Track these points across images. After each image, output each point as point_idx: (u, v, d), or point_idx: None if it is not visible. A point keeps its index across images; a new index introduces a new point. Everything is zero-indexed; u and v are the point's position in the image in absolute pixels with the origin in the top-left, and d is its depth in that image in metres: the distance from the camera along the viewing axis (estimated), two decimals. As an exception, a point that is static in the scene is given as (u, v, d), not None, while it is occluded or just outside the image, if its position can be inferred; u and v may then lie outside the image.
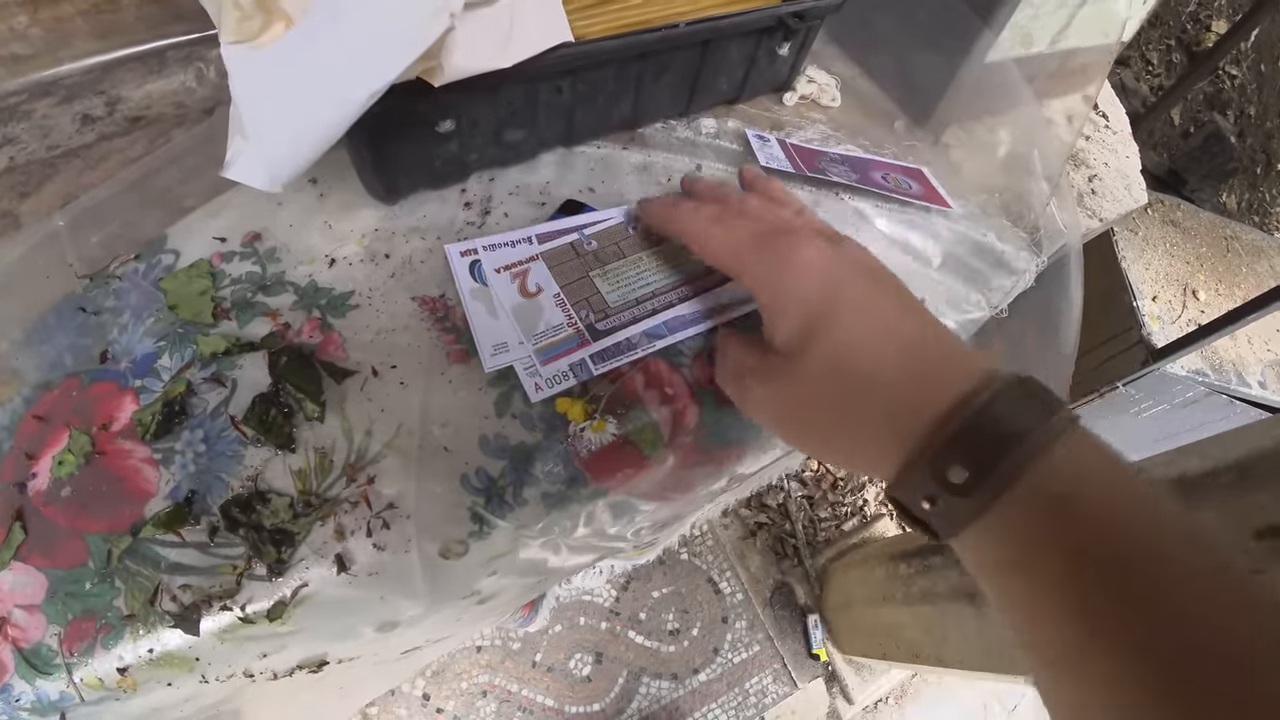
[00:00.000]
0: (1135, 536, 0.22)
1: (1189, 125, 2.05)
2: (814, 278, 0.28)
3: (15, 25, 0.46)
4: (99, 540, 0.32)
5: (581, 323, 0.35)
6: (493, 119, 0.37)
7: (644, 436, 0.35)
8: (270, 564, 0.31)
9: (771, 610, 1.16)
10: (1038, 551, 0.24)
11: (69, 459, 0.33)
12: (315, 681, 0.43)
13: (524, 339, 0.34)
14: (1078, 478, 0.24)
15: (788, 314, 0.29)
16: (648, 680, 1.07)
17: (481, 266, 0.36)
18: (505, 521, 0.32)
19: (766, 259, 0.30)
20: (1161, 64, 2.12)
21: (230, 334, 0.35)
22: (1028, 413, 0.24)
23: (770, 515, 1.22)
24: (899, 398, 0.26)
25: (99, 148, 0.46)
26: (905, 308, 0.29)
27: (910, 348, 0.27)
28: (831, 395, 0.28)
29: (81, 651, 0.31)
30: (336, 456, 0.32)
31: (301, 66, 0.23)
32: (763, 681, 1.11)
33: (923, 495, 0.25)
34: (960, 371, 0.26)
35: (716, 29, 0.39)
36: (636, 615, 1.10)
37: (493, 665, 1.02)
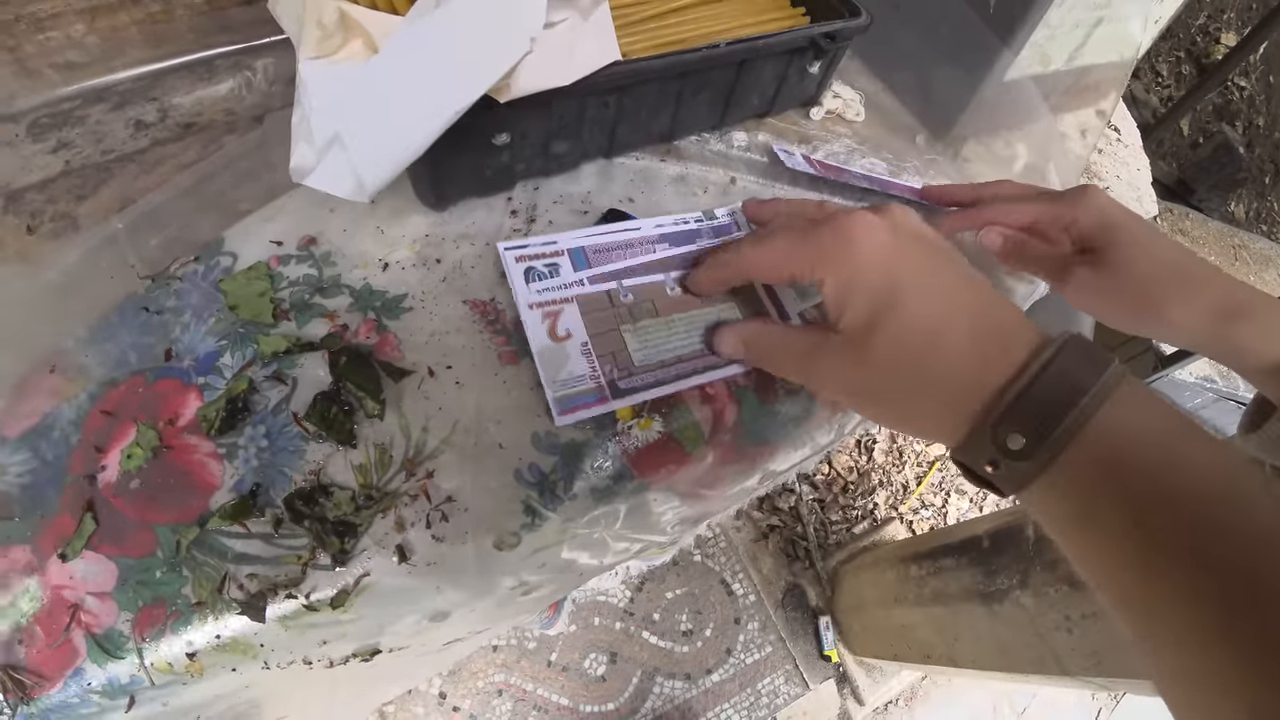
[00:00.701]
0: (1189, 486, 0.24)
1: (1198, 136, 2.07)
2: (872, 257, 0.29)
3: (72, 34, 0.48)
4: (167, 531, 0.34)
5: (604, 377, 0.35)
6: (543, 132, 0.38)
7: (686, 434, 0.36)
8: (334, 554, 0.32)
9: (783, 612, 1.17)
10: (1098, 506, 0.25)
11: (137, 452, 0.35)
12: (342, 678, 0.44)
13: (545, 383, 0.34)
14: (1131, 432, 0.25)
15: (854, 301, 0.30)
16: (661, 680, 1.08)
17: (536, 272, 0.37)
18: (555, 514, 0.34)
19: (818, 249, 0.31)
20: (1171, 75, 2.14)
21: (290, 334, 0.37)
22: (1078, 375, 0.26)
23: (782, 518, 1.24)
24: (961, 370, 0.28)
25: (153, 153, 0.47)
26: (962, 278, 0.30)
27: (970, 320, 0.29)
28: (899, 370, 0.29)
29: (152, 636, 0.32)
30: (395, 452, 0.34)
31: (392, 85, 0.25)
32: (775, 682, 1.13)
33: (985, 460, 0.27)
34: (1015, 341, 0.28)
35: (754, 49, 0.41)
36: (650, 616, 1.11)
37: (508, 664, 1.04)
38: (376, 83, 0.25)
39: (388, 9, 0.27)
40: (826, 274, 0.30)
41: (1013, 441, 0.26)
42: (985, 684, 1.25)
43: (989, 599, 0.83)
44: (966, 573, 0.88)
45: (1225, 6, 2.22)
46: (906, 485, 1.35)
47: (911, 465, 1.36)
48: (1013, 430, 0.26)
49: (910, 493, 1.34)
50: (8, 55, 0.47)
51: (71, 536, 0.33)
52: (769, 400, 0.38)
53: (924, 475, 1.37)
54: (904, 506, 1.32)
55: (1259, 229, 2.01)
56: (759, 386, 0.38)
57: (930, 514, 1.34)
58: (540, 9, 0.25)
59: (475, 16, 0.24)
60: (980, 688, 1.25)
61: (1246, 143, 2.03)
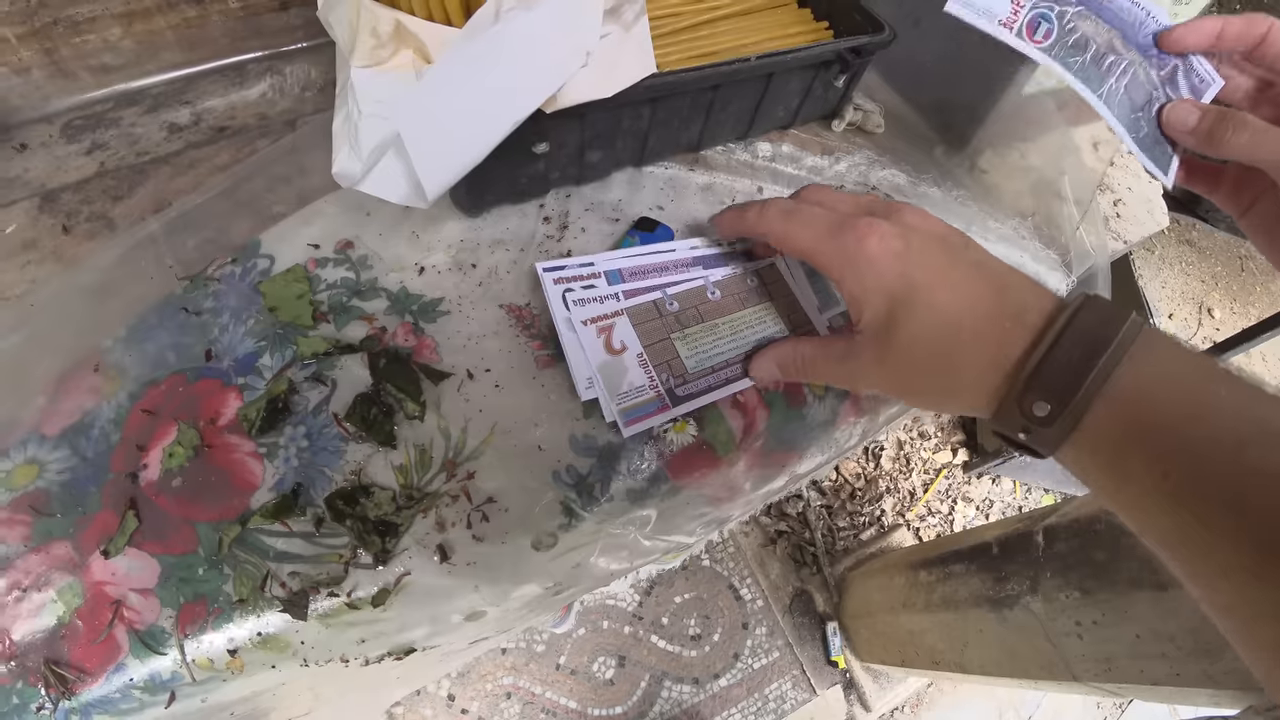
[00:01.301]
0: (1214, 434, 0.24)
1: (1202, 148, 2.08)
2: (886, 266, 0.31)
3: (109, 37, 0.49)
4: (209, 529, 0.34)
5: (662, 386, 0.36)
6: (579, 141, 0.39)
7: (719, 438, 0.37)
8: (375, 553, 0.33)
9: (791, 617, 1.17)
10: (1128, 462, 0.26)
11: (178, 451, 0.35)
12: (369, 676, 0.44)
13: (608, 399, 0.35)
14: (1152, 386, 0.26)
15: (871, 303, 0.31)
16: (669, 684, 1.08)
17: (567, 299, 0.37)
18: (591, 515, 0.34)
19: (841, 253, 0.32)
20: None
21: (329, 336, 0.38)
22: (1095, 335, 0.27)
23: (790, 524, 1.24)
24: (983, 350, 0.29)
25: (186, 155, 0.48)
26: (977, 266, 0.31)
27: (987, 303, 0.30)
28: (925, 362, 0.31)
29: (194, 633, 0.33)
30: (435, 453, 0.35)
31: (451, 95, 0.25)
32: (782, 687, 1.13)
33: (1018, 428, 0.29)
34: (1032, 311, 0.29)
35: (782, 62, 0.42)
36: (659, 620, 1.12)
37: (517, 667, 1.04)
38: (435, 93, 0.26)
39: (443, 20, 0.28)
40: (845, 279, 0.32)
41: (1038, 409, 0.27)
42: (991, 691, 1.25)
43: (998, 605, 0.84)
44: (976, 578, 0.88)
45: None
46: (913, 492, 1.36)
47: (919, 472, 1.37)
48: (1037, 399, 0.27)
49: (917, 500, 1.35)
50: (44, 58, 0.48)
51: (114, 533, 0.34)
52: (797, 404, 0.39)
53: (931, 483, 1.38)
54: (911, 513, 1.33)
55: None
56: (788, 391, 0.39)
57: (936, 521, 1.35)
58: (595, 25, 0.26)
59: (534, 31, 0.25)
60: (986, 695, 1.25)
61: (1251, 154, 2.04)
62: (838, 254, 0.32)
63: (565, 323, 0.36)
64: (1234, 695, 0.66)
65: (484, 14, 0.25)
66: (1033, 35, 0.39)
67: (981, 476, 1.43)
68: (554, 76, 0.26)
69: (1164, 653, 0.69)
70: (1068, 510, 0.83)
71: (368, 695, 0.63)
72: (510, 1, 0.25)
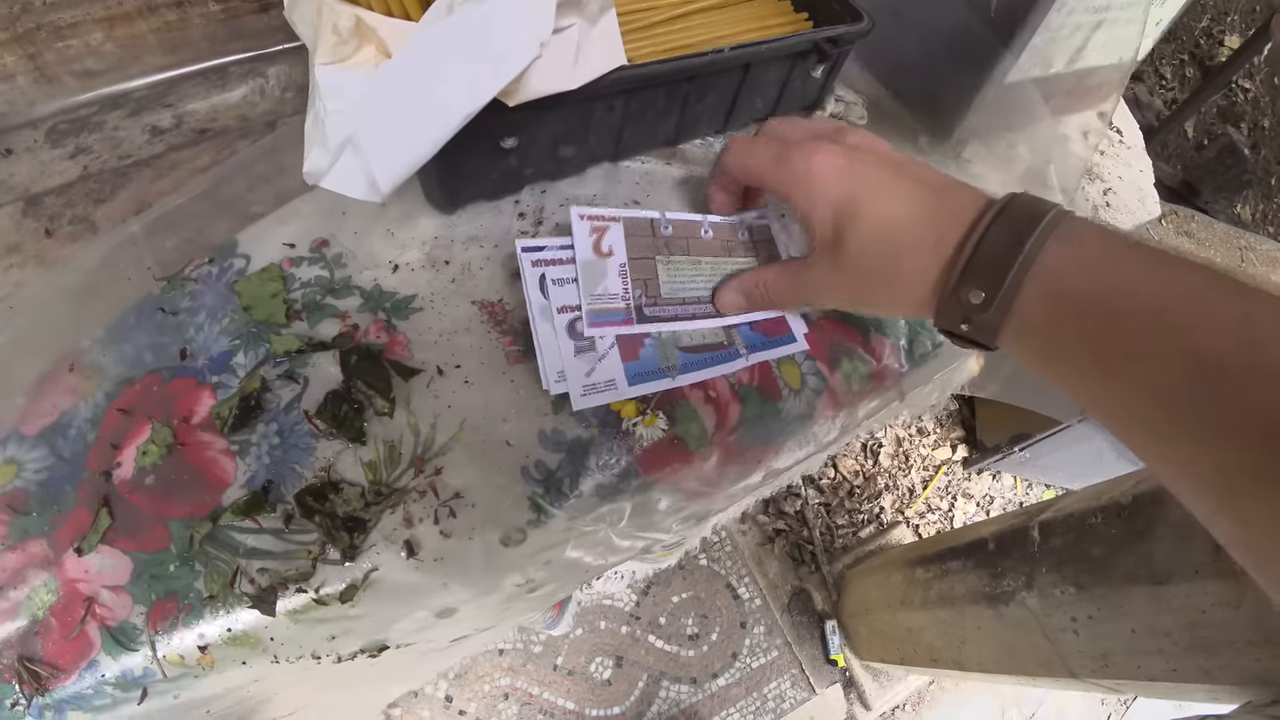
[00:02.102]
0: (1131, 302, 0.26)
1: (1203, 138, 2.07)
2: (832, 179, 0.33)
3: (91, 41, 0.49)
4: (181, 526, 0.34)
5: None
6: (550, 135, 0.39)
7: (690, 432, 0.37)
8: (343, 549, 0.33)
9: (789, 616, 1.17)
10: (1058, 338, 0.28)
11: (152, 449, 0.36)
12: (348, 676, 0.45)
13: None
14: (1073, 265, 0.28)
15: (820, 217, 0.33)
16: (667, 684, 1.08)
17: (550, 280, 0.37)
18: (561, 511, 0.34)
19: (790, 174, 0.34)
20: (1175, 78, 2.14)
21: (302, 334, 0.38)
22: (1022, 224, 0.29)
23: (788, 522, 1.24)
24: (923, 249, 0.31)
25: (168, 158, 0.48)
26: (918, 179, 0.33)
27: (927, 208, 0.32)
28: (871, 265, 0.33)
29: (165, 629, 0.33)
30: (404, 449, 0.35)
31: (405, 89, 0.26)
32: (781, 686, 1.12)
33: (959, 320, 0.30)
34: (966, 210, 0.31)
35: (757, 53, 0.42)
36: (656, 620, 1.11)
37: (514, 668, 1.04)
38: (390, 87, 0.26)
39: (401, 15, 0.28)
40: (796, 198, 0.34)
41: (974, 297, 0.29)
42: (993, 688, 1.24)
43: (995, 601, 0.83)
44: (972, 575, 0.87)
45: (1228, 9, 2.22)
46: (913, 489, 1.35)
47: (918, 469, 1.36)
48: (972, 287, 0.29)
49: (916, 497, 1.34)
50: (28, 63, 0.48)
51: (88, 531, 0.34)
52: (772, 398, 0.39)
53: (930, 479, 1.37)
54: (910, 510, 1.32)
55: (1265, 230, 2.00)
56: (762, 385, 0.39)
57: (937, 518, 1.34)
58: (549, 16, 0.26)
59: (486, 22, 0.25)
60: (988, 692, 1.24)
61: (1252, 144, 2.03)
62: (787, 175, 0.34)
63: (540, 310, 0.36)
64: (1232, 691, 0.65)
65: (438, 7, 0.25)
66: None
67: (982, 473, 1.43)
68: (507, 68, 0.26)
69: (1160, 648, 0.68)
70: (1063, 505, 0.82)
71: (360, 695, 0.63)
72: (463, -6, 0.25)
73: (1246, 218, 2.00)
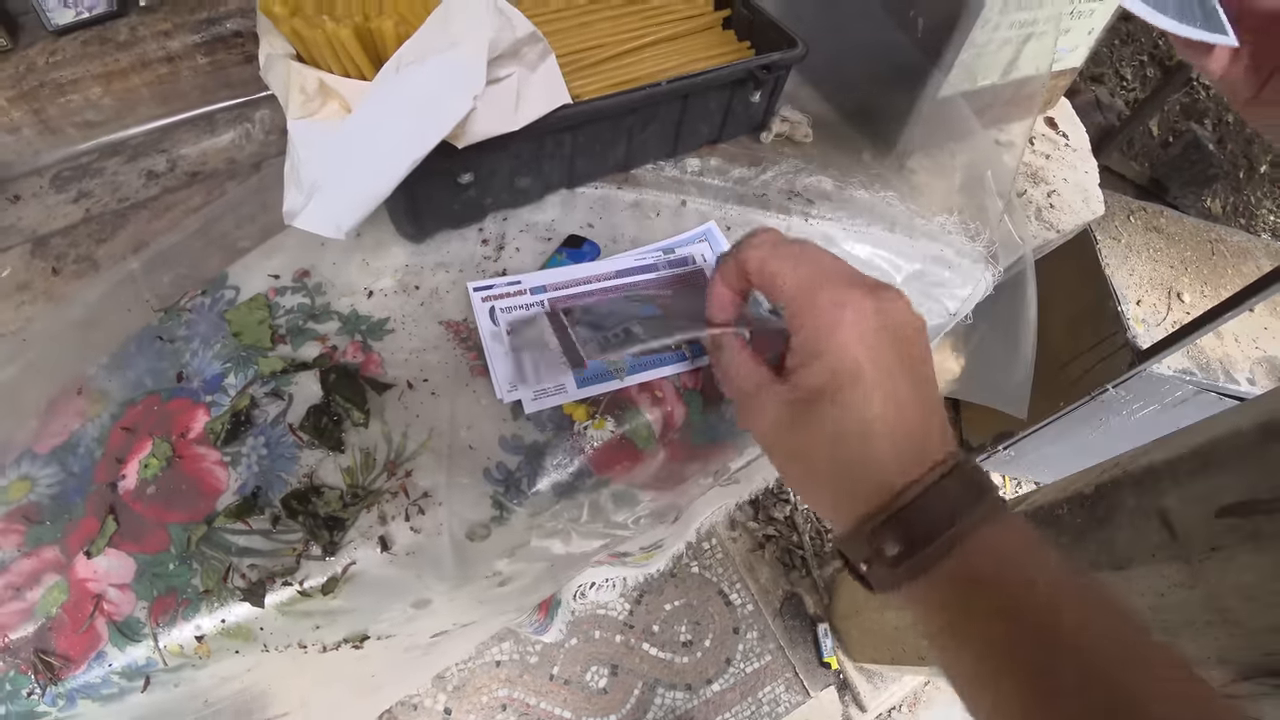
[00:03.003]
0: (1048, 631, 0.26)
1: (1168, 135, 2.12)
2: (852, 341, 0.30)
3: (90, 96, 0.54)
4: (179, 529, 0.38)
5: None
6: (506, 169, 0.43)
7: (638, 433, 0.40)
8: (324, 545, 0.37)
9: (782, 620, 1.19)
10: (959, 627, 0.28)
11: (153, 463, 0.40)
12: (343, 671, 0.48)
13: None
14: (996, 564, 0.28)
15: (821, 361, 0.31)
16: (662, 691, 1.10)
17: (499, 311, 0.41)
18: (522, 508, 0.38)
19: (815, 305, 0.31)
20: (1136, 79, 2.19)
21: (286, 356, 0.42)
22: (959, 501, 0.28)
23: (778, 527, 1.26)
24: (874, 467, 0.30)
25: (163, 199, 0.53)
26: (915, 385, 0.31)
27: (903, 426, 0.30)
28: (826, 446, 0.31)
29: (166, 622, 0.36)
30: (379, 455, 0.38)
31: (360, 141, 0.30)
32: (775, 691, 1.14)
33: (862, 557, 0.30)
34: (923, 455, 0.30)
35: (694, 84, 0.46)
36: (650, 627, 1.14)
37: (511, 679, 1.07)
38: (350, 138, 0.30)
39: (358, 76, 0.32)
40: (805, 331, 0.31)
41: (889, 548, 0.29)
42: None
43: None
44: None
45: (1185, 10, 2.27)
46: (900, 492, 1.37)
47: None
48: (890, 539, 0.29)
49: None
50: (33, 117, 0.53)
51: (96, 536, 0.38)
52: (714, 401, 0.43)
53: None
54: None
55: (1237, 223, 2.04)
56: (704, 389, 0.42)
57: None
58: (480, 74, 0.30)
59: (427, 81, 0.29)
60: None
61: (1217, 139, 2.07)
62: (809, 306, 0.31)
63: (490, 334, 0.39)
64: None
65: (388, 69, 0.30)
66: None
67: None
68: (447, 118, 0.30)
69: (1124, 633, 0.70)
70: (1035, 499, 0.85)
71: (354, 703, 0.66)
72: (409, 57, 0.29)
73: (1217, 210, 2.04)
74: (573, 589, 0.90)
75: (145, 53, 0.54)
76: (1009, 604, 0.27)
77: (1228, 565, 0.52)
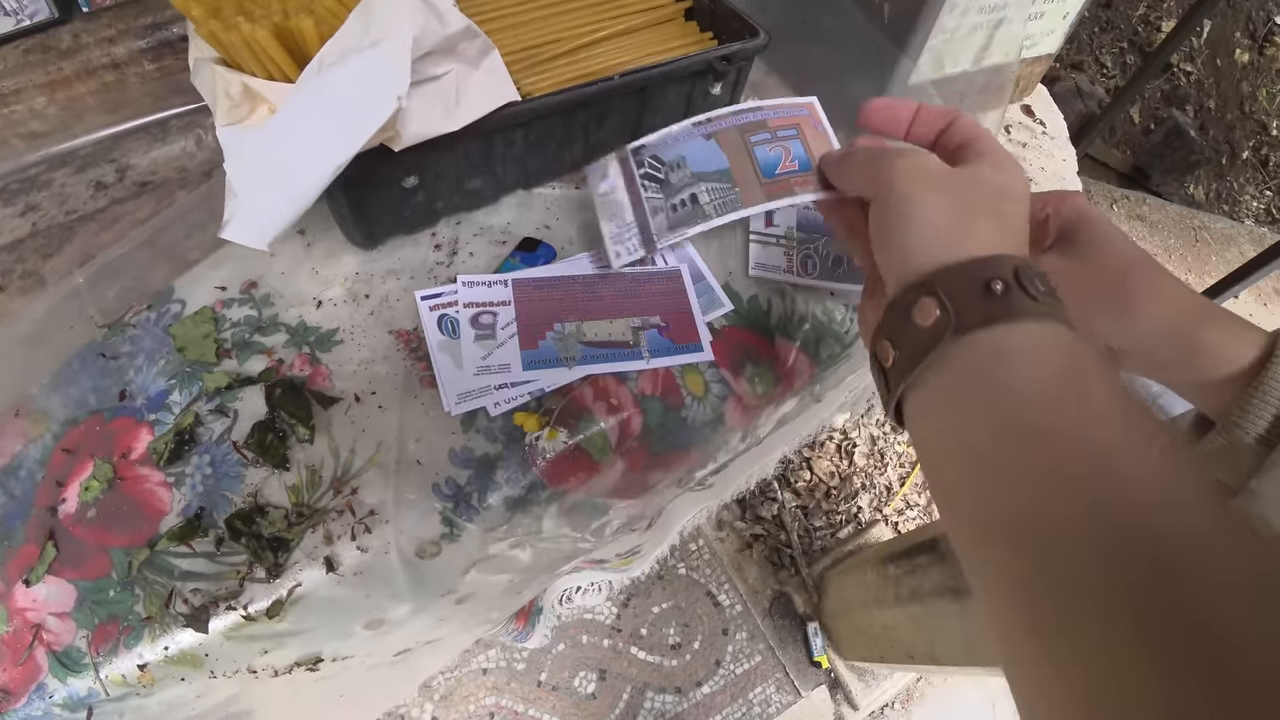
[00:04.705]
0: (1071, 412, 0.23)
1: (1149, 122, 2.11)
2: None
3: (35, 106, 0.52)
4: (121, 554, 0.37)
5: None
6: (454, 171, 0.42)
7: (594, 443, 0.39)
8: (268, 567, 0.35)
9: (771, 620, 1.18)
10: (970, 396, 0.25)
11: (94, 485, 0.38)
12: (319, 689, 0.46)
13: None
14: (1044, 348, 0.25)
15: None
16: (652, 695, 1.09)
17: (448, 320, 0.40)
18: (473, 524, 0.37)
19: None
20: (1116, 66, 2.18)
21: (231, 371, 0.40)
22: (1022, 278, 0.26)
23: (765, 527, 1.25)
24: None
25: (111, 211, 0.51)
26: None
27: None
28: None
29: (107, 651, 0.35)
30: (325, 472, 0.37)
31: (282, 146, 0.28)
32: (766, 691, 1.13)
33: (900, 326, 0.28)
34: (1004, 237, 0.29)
35: (648, 77, 0.44)
36: (638, 631, 1.13)
37: (499, 686, 1.05)
38: (271, 143, 0.28)
39: (282, 78, 0.31)
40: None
41: (920, 315, 0.26)
42: (981, 682, 1.25)
43: (959, 594, 0.85)
44: (938, 569, 0.89)
45: (1164, -6, 2.28)
46: (890, 487, 1.37)
47: (894, 466, 1.38)
48: (929, 295, 0.26)
49: (894, 494, 1.36)
50: (-23, 129, 0.51)
51: (35, 563, 0.37)
52: (675, 406, 0.41)
53: (907, 475, 1.39)
54: (889, 508, 1.34)
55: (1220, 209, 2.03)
56: (665, 394, 0.41)
57: (916, 514, 1.36)
58: (404, 73, 0.28)
59: (348, 82, 0.27)
60: (977, 686, 1.25)
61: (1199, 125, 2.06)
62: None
63: (438, 345, 0.38)
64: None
65: (310, 70, 0.28)
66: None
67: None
68: (369, 122, 0.28)
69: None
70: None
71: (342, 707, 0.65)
72: (331, 57, 0.28)
73: (1200, 197, 2.03)
74: (557, 594, 0.89)
75: (90, 60, 0.53)
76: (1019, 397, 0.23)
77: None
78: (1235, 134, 2.17)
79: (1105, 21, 2.24)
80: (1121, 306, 0.37)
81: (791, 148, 0.40)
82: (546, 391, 0.39)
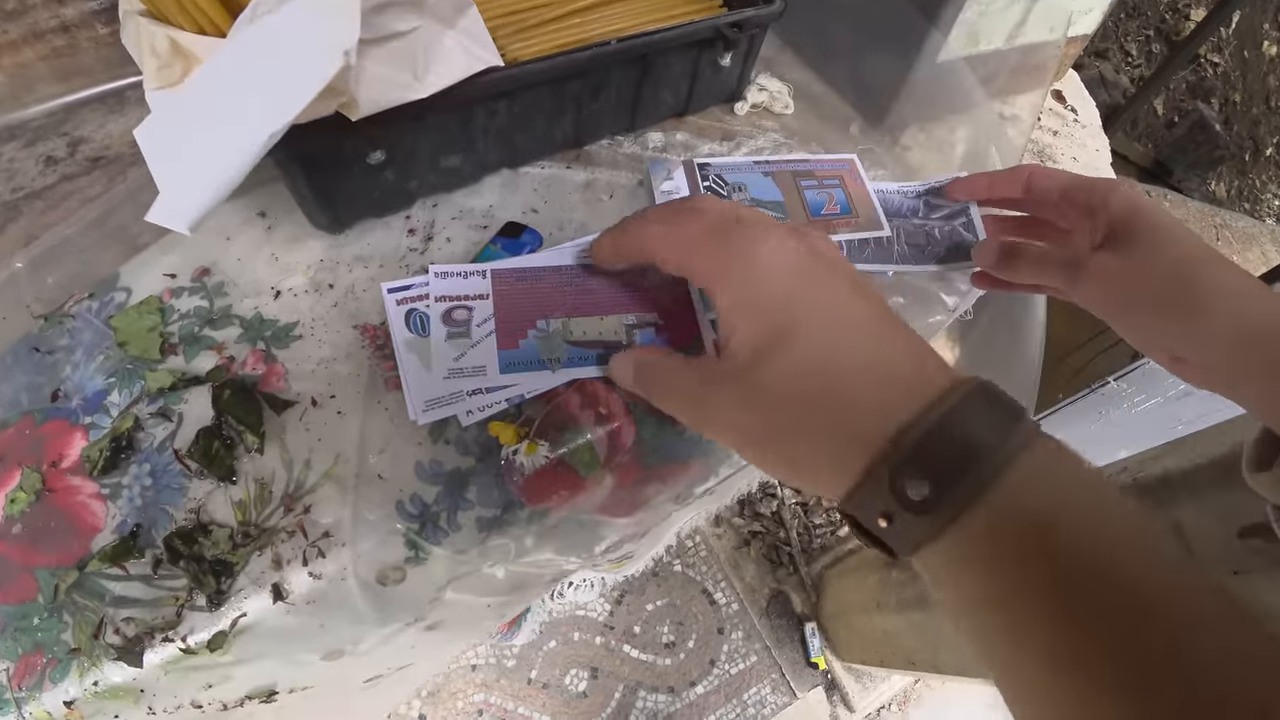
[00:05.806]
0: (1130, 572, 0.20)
1: (1173, 115, 2.04)
2: (780, 277, 0.26)
3: (-21, 73, 0.48)
4: (48, 575, 0.33)
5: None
6: (427, 146, 0.37)
7: (580, 457, 0.35)
8: (210, 595, 0.31)
9: (768, 620, 1.15)
10: (1016, 585, 0.22)
11: (21, 497, 0.34)
12: (297, 709, 0.43)
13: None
14: (1055, 496, 0.22)
15: (753, 317, 0.26)
16: (644, 694, 1.06)
17: (417, 315, 0.35)
18: (441, 548, 0.33)
19: (723, 254, 0.27)
20: (1141, 55, 2.11)
21: (177, 369, 0.36)
22: (992, 421, 0.23)
23: (764, 524, 1.22)
24: (860, 410, 0.25)
25: (60, 188, 0.47)
26: (874, 313, 0.27)
27: (877, 357, 0.25)
28: (788, 408, 0.26)
29: (30, 686, 0.31)
30: (275, 487, 0.33)
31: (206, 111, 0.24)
32: (761, 692, 1.11)
33: (879, 511, 0.23)
34: (925, 380, 0.25)
35: (650, 44, 0.40)
36: (631, 629, 1.10)
37: (488, 684, 1.02)
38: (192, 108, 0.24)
39: (215, 33, 0.26)
40: (721, 288, 0.27)
41: (914, 490, 0.22)
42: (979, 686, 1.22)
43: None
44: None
45: (1193, -19, 2.20)
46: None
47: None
48: (915, 477, 0.22)
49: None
50: (-84, 98, 0.47)
51: (-48, 587, 0.33)
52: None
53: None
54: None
55: (1241, 207, 1.96)
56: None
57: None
58: (353, 23, 0.24)
59: (284, 35, 0.23)
60: (975, 689, 1.22)
61: (1224, 120, 1.99)
62: (717, 258, 0.27)
63: (406, 344, 0.34)
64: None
65: (241, 20, 0.24)
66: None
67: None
68: (309, 83, 0.24)
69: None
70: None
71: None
72: (265, 5, 0.23)
73: (1222, 194, 1.97)
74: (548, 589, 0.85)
75: (37, 22, 0.48)
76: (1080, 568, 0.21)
77: (1250, 594, 0.46)
78: (1260, 130, 2.09)
79: (1132, 7, 2.15)
80: (1186, 311, 0.33)
81: (835, 194, 0.45)
82: (527, 398, 0.34)
